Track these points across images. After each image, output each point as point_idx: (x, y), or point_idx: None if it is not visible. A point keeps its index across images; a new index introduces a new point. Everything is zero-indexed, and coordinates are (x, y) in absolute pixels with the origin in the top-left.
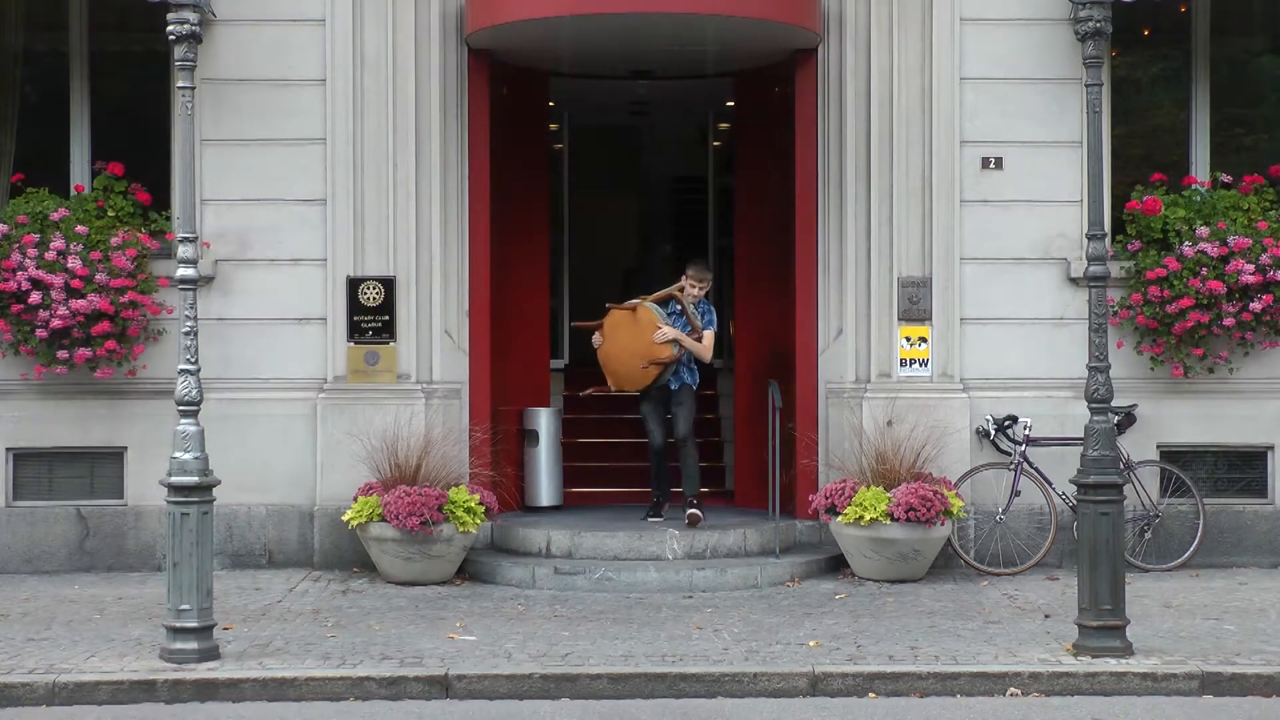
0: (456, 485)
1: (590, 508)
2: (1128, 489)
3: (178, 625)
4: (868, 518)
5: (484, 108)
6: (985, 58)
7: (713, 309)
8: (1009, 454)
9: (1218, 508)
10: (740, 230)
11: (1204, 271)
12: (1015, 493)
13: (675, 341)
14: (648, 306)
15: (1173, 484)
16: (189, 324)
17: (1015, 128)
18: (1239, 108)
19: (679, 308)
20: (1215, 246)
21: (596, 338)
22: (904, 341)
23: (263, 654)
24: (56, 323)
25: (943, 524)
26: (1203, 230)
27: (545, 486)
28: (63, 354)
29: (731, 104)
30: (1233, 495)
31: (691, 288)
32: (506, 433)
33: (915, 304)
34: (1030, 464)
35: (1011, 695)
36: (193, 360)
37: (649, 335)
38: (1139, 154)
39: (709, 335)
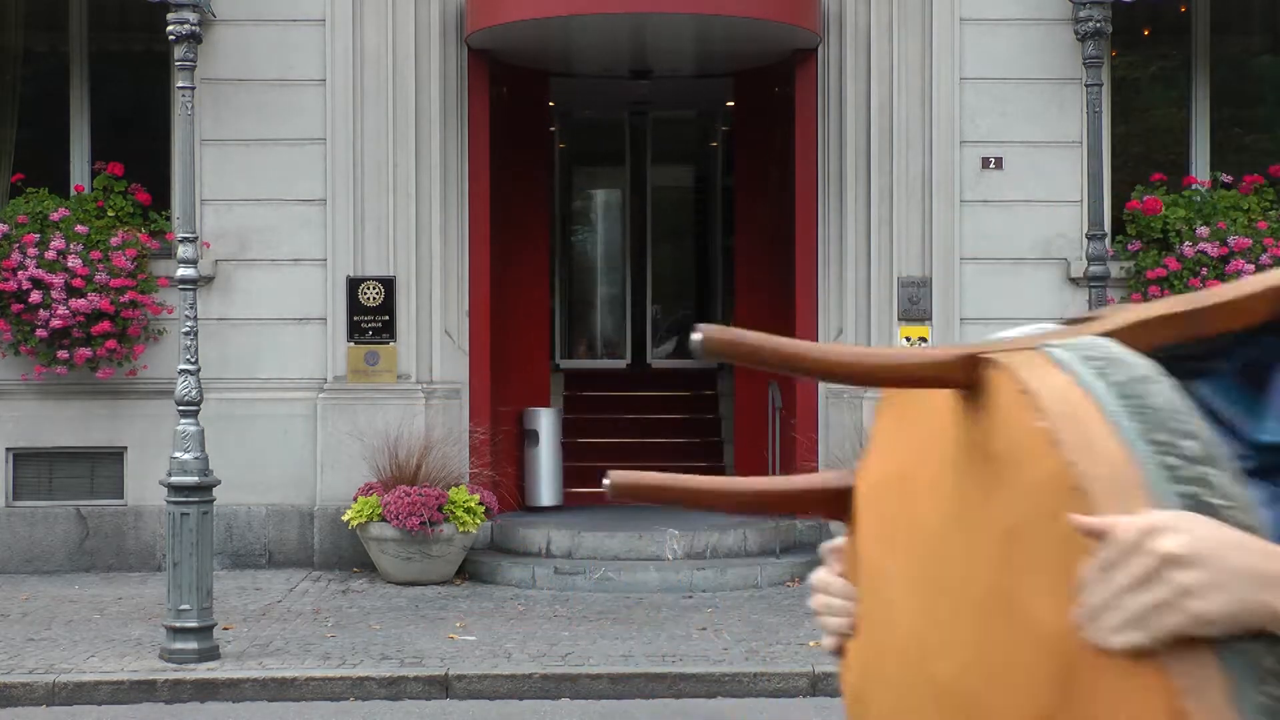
0: (456, 485)
1: (590, 508)
2: None
3: (178, 625)
4: None
5: (484, 108)
6: (985, 58)
7: None
8: None
9: None
10: (740, 230)
11: (1204, 271)
12: None
13: None
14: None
15: None
16: (189, 324)
17: (1015, 128)
18: (1239, 108)
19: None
20: (1215, 246)
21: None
22: (904, 341)
23: (263, 654)
24: (57, 322)
25: None
26: (1203, 230)
27: (545, 486)
28: (63, 354)
29: (731, 104)
30: None
31: None
32: (506, 433)
33: (915, 304)
34: None
35: None
36: (193, 360)
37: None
38: (1139, 154)
39: None
